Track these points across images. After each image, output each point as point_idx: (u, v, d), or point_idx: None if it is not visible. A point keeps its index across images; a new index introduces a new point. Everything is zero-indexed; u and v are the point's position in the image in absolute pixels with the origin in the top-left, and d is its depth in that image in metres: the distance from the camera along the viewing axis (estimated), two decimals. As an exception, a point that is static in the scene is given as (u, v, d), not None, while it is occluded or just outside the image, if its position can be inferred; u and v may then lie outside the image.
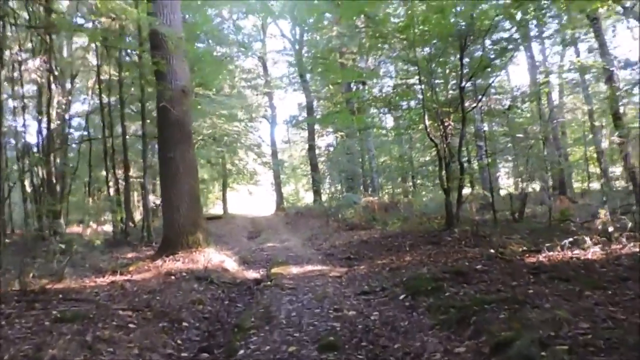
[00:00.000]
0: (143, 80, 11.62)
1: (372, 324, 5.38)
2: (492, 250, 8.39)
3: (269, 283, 8.20)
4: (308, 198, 34.63)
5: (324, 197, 25.72)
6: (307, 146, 29.99)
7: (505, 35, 10.98)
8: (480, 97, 11.70)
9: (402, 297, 6.34)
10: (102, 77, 15.84)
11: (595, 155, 20.82)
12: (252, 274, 9.39)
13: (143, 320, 5.86)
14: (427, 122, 11.11)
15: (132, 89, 14.96)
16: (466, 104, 11.31)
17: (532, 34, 14.06)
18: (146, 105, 13.47)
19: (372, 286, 7.46)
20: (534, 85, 17.61)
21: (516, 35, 11.00)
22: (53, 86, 16.75)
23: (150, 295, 7.12)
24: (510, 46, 11.25)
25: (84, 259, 11.56)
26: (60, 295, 7.05)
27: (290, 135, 37.85)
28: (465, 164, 26.02)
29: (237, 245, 14.14)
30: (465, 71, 10.67)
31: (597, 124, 19.11)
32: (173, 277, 8.22)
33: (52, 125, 17.51)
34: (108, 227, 17.05)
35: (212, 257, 9.20)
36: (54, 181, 17.71)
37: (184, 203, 9.41)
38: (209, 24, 19.25)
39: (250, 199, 37.14)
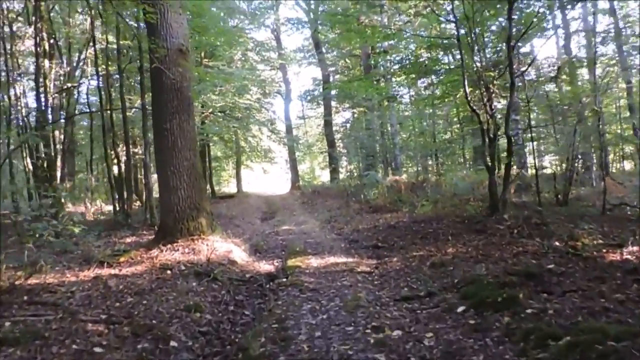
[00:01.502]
0: (137, 38, 9.91)
1: (428, 355, 3.76)
2: (557, 244, 6.72)
3: (284, 280, 6.62)
4: (324, 176, 32.97)
5: (342, 176, 24.03)
6: (323, 122, 28.23)
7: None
8: (534, 57, 9.82)
9: (460, 309, 4.70)
10: (100, 46, 14.20)
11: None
12: (264, 267, 7.81)
13: (117, 339, 4.32)
14: (468, 89, 9.32)
15: (130, 55, 13.31)
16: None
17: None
18: (147, 73, 11.78)
19: (413, 288, 5.84)
20: (566, 55, 15.62)
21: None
22: (46, 62, 15.20)
23: (136, 297, 5.60)
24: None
25: (77, 244, 10.16)
26: (26, 297, 5.57)
27: (305, 112, 36.01)
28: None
29: (249, 229, 12.58)
30: (513, 30, 8.84)
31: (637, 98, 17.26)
32: (169, 272, 6.69)
33: (50, 99, 16.06)
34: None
35: (217, 246, 7.64)
36: (55, 158, 16.30)
37: (183, 183, 7.83)
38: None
39: (264, 177, 35.57)
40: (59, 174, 20.34)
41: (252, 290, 6.34)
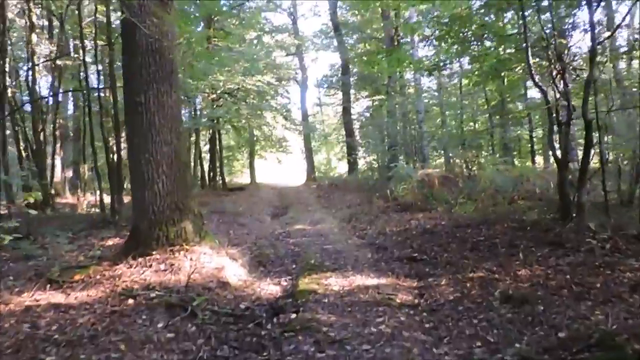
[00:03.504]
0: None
1: None
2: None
3: (293, 317, 4.53)
4: (341, 168, 30.78)
5: (361, 168, 21.82)
6: (341, 110, 26.01)
7: None
8: (622, 20, 7.46)
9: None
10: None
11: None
12: (268, 289, 5.72)
13: None
14: (532, 60, 7.06)
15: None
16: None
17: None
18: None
19: (490, 343, 3.72)
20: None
21: None
22: (34, 36, 13.22)
23: (64, 351, 3.58)
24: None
25: (45, 248, 8.23)
26: None
27: (322, 99, 33.74)
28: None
29: (255, 229, 10.50)
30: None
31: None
32: (130, 302, 4.66)
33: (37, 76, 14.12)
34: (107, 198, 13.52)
35: (204, 260, 5.57)
36: (43, 145, 14.38)
37: (161, 175, 5.77)
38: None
39: (279, 168, 33.53)
40: (58, 162, 18.68)
41: (245, 334, 4.24)
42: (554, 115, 7.11)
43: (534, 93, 21.20)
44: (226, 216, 11.39)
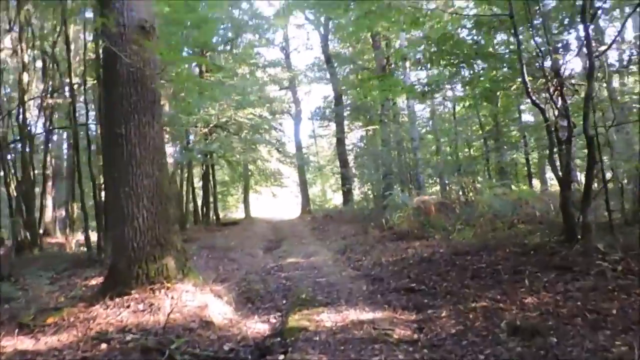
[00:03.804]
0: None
1: None
2: None
3: (281, 358, 4.08)
4: (336, 199, 30.40)
5: (356, 198, 21.45)
6: (335, 141, 25.81)
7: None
8: (617, 33, 7.25)
9: None
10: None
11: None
12: (255, 327, 5.25)
13: None
14: (527, 78, 6.79)
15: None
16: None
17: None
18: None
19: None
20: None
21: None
22: (25, 75, 13.02)
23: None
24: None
25: (26, 290, 7.77)
26: None
27: (316, 131, 33.59)
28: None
29: (246, 264, 10.02)
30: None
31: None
32: (103, 347, 4.22)
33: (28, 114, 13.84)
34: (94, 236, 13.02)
35: (186, 299, 5.13)
36: (32, 184, 14.00)
37: (142, 209, 5.39)
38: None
39: (274, 202, 33.14)
40: (50, 202, 18.25)
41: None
42: (554, 133, 6.79)
43: (527, 117, 21.23)
44: (216, 251, 10.93)
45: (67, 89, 12.82)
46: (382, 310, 5.45)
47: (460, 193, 13.83)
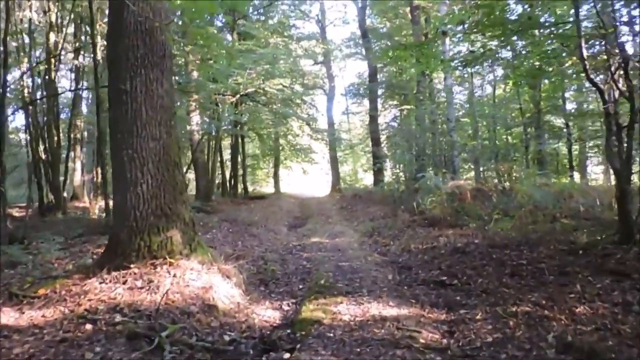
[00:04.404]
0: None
1: None
2: None
3: (286, 358, 3.52)
4: (367, 179, 29.65)
5: (387, 179, 20.67)
6: (367, 120, 24.95)
7: None
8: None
9: None
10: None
11: None
12: (264, 315, 4.71)
13: None
14: (585, 53, 5.92)
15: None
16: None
17: None
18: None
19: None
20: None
21: None
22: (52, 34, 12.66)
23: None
24: None
25: (34, 254, 7.45)
26: None
27: (349, 108, 32.77)
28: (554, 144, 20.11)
29: (268, 241, 9.52)
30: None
31: None
32: (88, 328, 3.75)
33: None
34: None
35: (189, 278, 4.60)
36: (58, 145, 13.79)
37: (146, 175, 4.86)
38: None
39: (305, 178, 32.70)
40: (78, 165, 18.17)
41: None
42: (613, 118, 5.92)
43: (571, 105, 19.93)
44: (238, 225, 10.47)
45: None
46: (409, 306, 4.83)
47: (496, 181, 12.94)
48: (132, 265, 4.65)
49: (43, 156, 13.31)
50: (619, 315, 3.91)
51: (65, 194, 14.35)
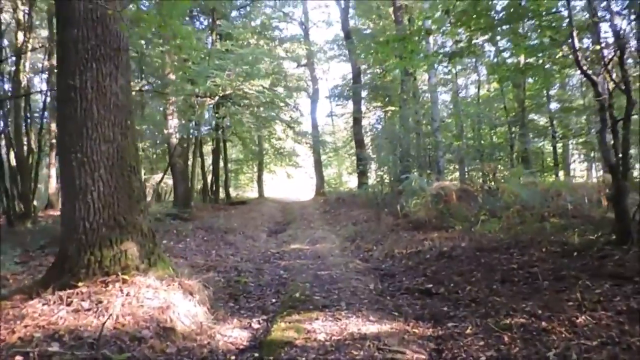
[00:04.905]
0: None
1: None
2: None
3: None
4: (352, 182, 29.21)
5: (371, 182, 20.23)
6: (352, 121, 24.49)
7: None
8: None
9: None
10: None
11: None
12: (231, 336, 4.18)
13: None
14: (577, 44, 5.51)
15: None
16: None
17: None
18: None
19: None
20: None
21: None
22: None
23: None
24: None
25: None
26: None
27: (333, 110, 32.29)
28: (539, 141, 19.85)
29: (244, 249, 8.98)
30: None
31: None
32: (19, 359, 3.16)
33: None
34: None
35: (145, 296, 4.06)
36: (26, 155, 13.09)
37: (97, 181, 4.31)
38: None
39: (289, 183, 32.18)
40: (53, 172, 17.42)
41: None
42: (607, 110, 5.51)
43: (555, 105, 19.68)
44: (214, 233, 9.91)
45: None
46: (391, 320, 4.33)
47: (481, 181, 12.54)
48: (80, 284, 4.09)
49: (13, 162, 12.63)
50: (626, 326, 3.46)
51: (36, 203, 13.60)
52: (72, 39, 4.42)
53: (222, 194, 21.12)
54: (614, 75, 5.45)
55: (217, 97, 13.91)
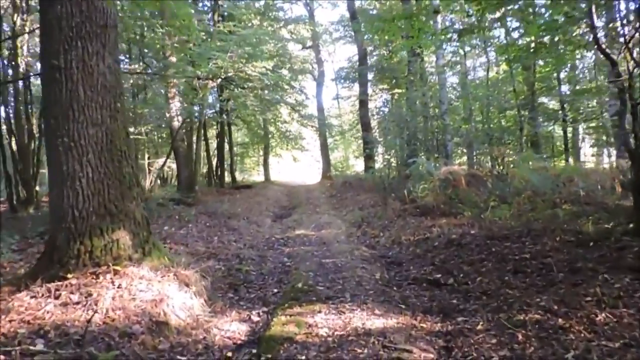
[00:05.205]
0: None
1: None
2: None
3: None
4: (359, 166, 28.91)
5: (378, 165, 19.95)
6: (358, 103, 24.11)
7: None
8: None
9: None
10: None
11: None
12: (228, 330, 3.98)
13: None
14: (596, 21, 5.17)
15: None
16: None
17: None
18: None
19: None
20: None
21: None
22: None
23: None
24: None
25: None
26: None
27: (339, 93, 31.86)
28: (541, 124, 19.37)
29: (247, 235, 8.76)
30: None
31: None
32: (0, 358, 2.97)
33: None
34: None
35: (138, 288, 3.85)
36: (27, 141, 12.87)
37: (86, 167, 4.08)
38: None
39: (296, 166, 31.92)
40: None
41: None
42: (627, 92, 5.18)
43: (566, 87, 19.18)
44: (217, 218, 9.69)
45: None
46: (397, 314, 4.10)
47: (490, 165, 12.22)
48: (69, 275, 3.89)
49: (14, 147, 12.46)
50: (646, 323, 3.21)
51: (38, 188, 13.44)
52: (56, 15, 4.14)
53: (227, 178, 20.92)
54: (635, 55, 5.09)
55: (219, 80, 13.59)
